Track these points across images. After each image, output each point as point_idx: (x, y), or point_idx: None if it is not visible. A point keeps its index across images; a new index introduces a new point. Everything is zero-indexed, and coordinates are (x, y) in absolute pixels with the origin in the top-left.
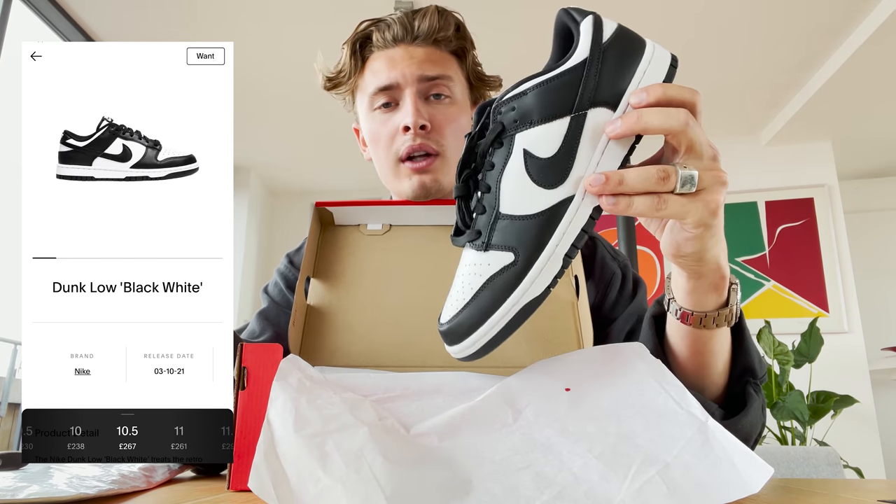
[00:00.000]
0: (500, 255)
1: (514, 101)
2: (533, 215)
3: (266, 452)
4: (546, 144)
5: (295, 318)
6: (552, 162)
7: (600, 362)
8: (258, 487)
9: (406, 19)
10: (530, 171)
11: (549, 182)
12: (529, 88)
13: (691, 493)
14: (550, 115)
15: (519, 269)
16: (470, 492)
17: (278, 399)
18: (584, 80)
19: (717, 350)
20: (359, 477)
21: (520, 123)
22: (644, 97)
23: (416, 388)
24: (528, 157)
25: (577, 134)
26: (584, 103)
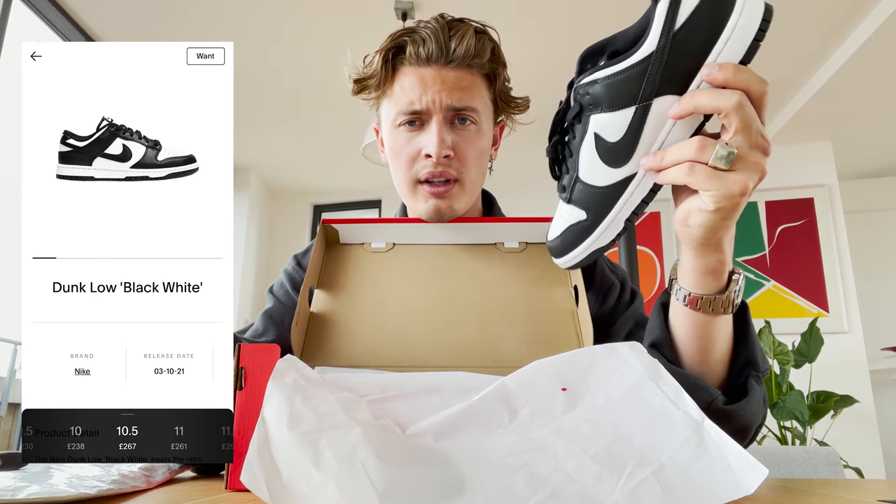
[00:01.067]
0: (578, 211)
1: (589, 87)
2: (601, 187)
3: (259, 449)
4: (613, 130)
5: (298, 318)
6: (618, 146)
7: (597, 362)
8: (251, 482)
9: (443, 38)
10: (599, 151)
11: (614, 162)
12: (601, 79)
13: (685, 494)
14: (618, 105)
15: (588, 224)
16: (463, 491)
17: (273, 397)
18: (648, 74)
19: (716, 336)
20: (351, 474)
21: (593, 107)
22: (713, 73)
23: (413, 389)
24: (598, 139)
25: (642, 122)
26: (648, 94)
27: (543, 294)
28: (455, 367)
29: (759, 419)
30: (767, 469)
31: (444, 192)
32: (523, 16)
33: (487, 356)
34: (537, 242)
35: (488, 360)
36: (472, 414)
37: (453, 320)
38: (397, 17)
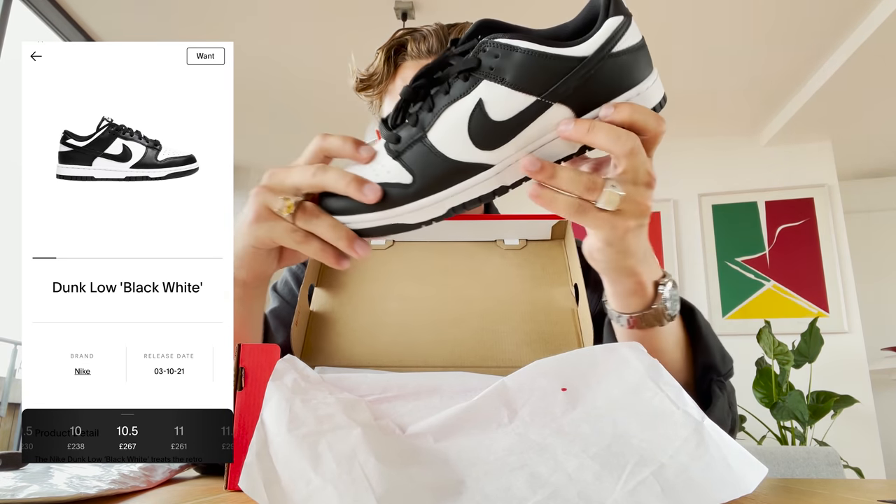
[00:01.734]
0: (402, 172)
1: (504, 49)
2: (449, 159)
3: (258, 452)
4: (502, 109)
5: (298, 318)
6: (497, 127)
7: (597, 362)
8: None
9: (442, 33)
10: (472, 123)
11: (481, 142)
12: (524, 49)
13: (685, 494)
14: (521, 87)
15: (408, 194)
16: (463, 492)
17: (273, 399)
18: (568, 76)
19: (662, 349)
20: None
21: (494, 73)
22: (611, 112)
23: (413, 389)
24: (478, 109)
25: (533, 117)
26: (555, 95)
27: (544, 292)
28: (455, 367)
29: (728, 424)
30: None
31: None
32: (522, 20)
33: (487, 356)
34: (538, 240)
35: (488, 360)
36: (472, 414)
37: (453, 319)
38: (397, 17)
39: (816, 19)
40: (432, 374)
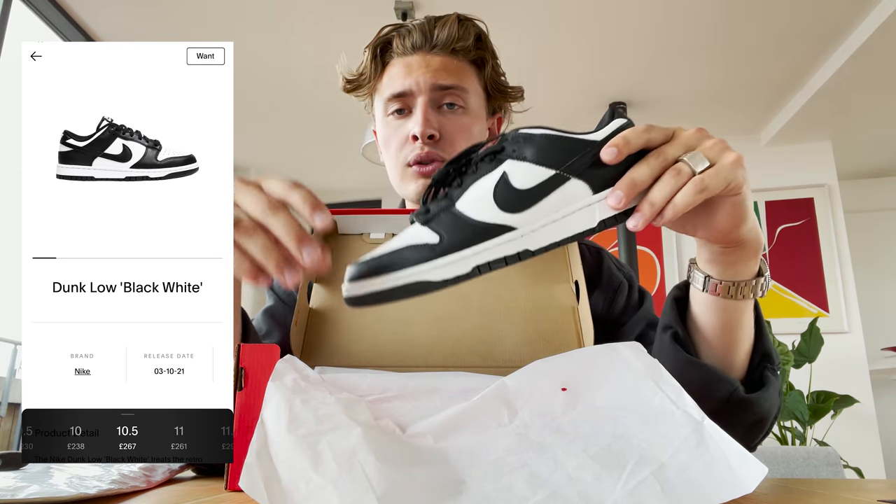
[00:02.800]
0: (430, 234)
1: (525, 136)
2: (474, 221)
3: (259, 452)
4: (525, 179)
5: (297, 318)
6: (520, 193)
7: (597, 362)
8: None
9: (426, 27)
10: (497, 190)
11: (506, 205)
12: (542, 134)
13: (685, 493)
14: (542, 162)
15: (435, 252)
16: (463, 491)
17: (273, 399)
18: (582, 154)
19: (745, 324)
20: (350, 477)
21: (517, 154)
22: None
23: (413, 389)
24: (503, 179)
25: (553, 188)
26: (573, 169)
27: (544, 290)
28: (455, 367)
29: (776, 410)
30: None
31: (431, 170)
32: (523, 19)
33: (488, 355)
34: None
35: (489, 360)
36: (472, 414)
37: (454, 317)
38: (397, 17)
39: (817, 19)
40: (432, 375)
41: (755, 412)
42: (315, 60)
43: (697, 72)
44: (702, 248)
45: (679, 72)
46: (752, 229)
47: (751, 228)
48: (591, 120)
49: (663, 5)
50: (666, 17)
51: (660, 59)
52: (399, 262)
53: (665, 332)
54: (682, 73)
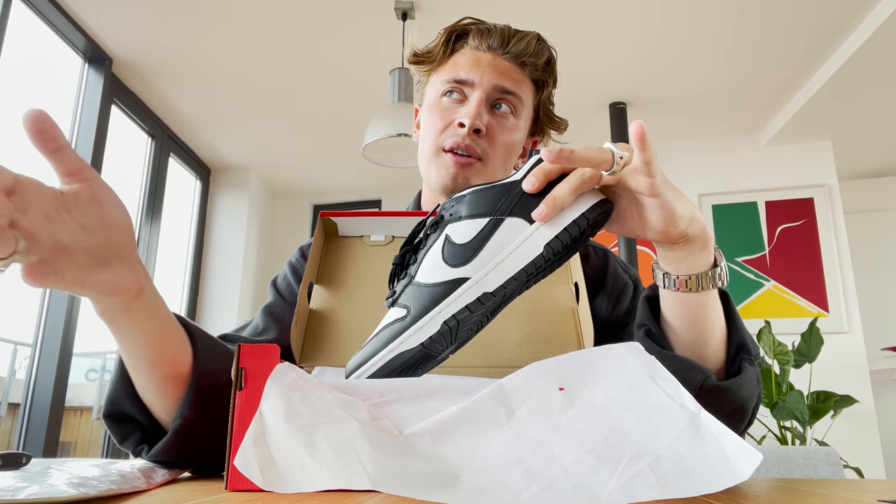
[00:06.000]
0: (398, 310)
1: (457, 200)
2: (432, 284)
3: (255, 440)
4: (464, 233)
5: (298, 318)
6: (464, 247)
7: (594, 361)
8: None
9: (507, 33)
10: (445, 250)
11: (454, 261)
12: (469, 192)
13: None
14: (476, 214)
15: (405, 323)
16: (458, 484)
17: (272, 394)
18: (509, 194)
19: (713, 314)
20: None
21: (454, 217)
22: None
23: (412, 392)
24: (447, 240)
25: (492, 232)
26: (503, 210)
27: (544, 291)
28: (456, 368)
29: (755, 399)
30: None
31: (465, 163)
32: (523, 20)
33: (488, 356)
34: None
35: (489, 361)
36: (470, 414)
37: None
38: (397, 17)
39: (817, 19)
40: (431, 378)
41: (732, 400)
42: (315, 60)
43: (697, 72)
44: (656, 247)
45: (679, 72)
46: (691, 225)
47: (689, 224)
48: (591, 121)
49: (663, 6)
50: (666, 18)
51: (660, 59)
52: (378, 345)
53: (639, 329)
54: (682, 73)
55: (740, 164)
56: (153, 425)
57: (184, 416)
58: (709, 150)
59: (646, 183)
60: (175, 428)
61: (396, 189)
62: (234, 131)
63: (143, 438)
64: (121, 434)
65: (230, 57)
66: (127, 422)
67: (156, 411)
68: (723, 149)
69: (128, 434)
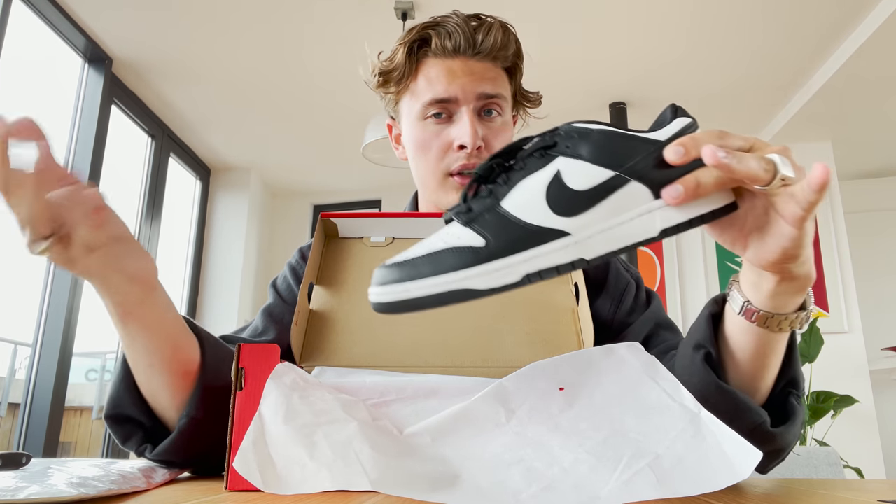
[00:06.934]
0: (474, 236)
1: (581, 130)
2: (525, 223)
3: (255, 441)
4: (581, 179)
5: (298, 318)
6: (573, 195)
7: (595, 362)
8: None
9: (468, 30)
10: (550, 191)
11: (558, 209)
12: (600, 131)
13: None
14: (600, 161)
15: (480, 256)
16: (457, 484)
17: (271, 394)
18: (645, 155)
19: (777, 351)
20: (345, 463)
21: (571, 150)
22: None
23: (412, 392)
24: (556, 179)
25: (610, 191)
26: (633, 171)
27: (543, 292)
28: (456, 368)
29: (796, 441)
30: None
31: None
32: (523, 19)
33: (488, 356)
34: None
35: (489, 361)
36: (470, 414)
37: (455, 318)
38: (397, 17)
39: (816, 19)
40: (430, 377)
41: (776, 444)
42: (315, 60)
43: (698, 72)
44: (748, 270)
45: (679, 72)
46: (803, 264)
47: (803, 263)
48: None
49: (663, 6)
50: (666, 18)
51: (660, 59)
52: (438, 267)
53: (697, 350)
54: (682, 73)
55: None
56: (155, 425)
57: (190, 416)
58: None
59: (796, 214)
60: (181, 427)
61: (396, 189)
62: (234, 131)
63: (145, 438)
64: (123, 435)
65: (230, 57)
66: (129, 423)
67: (161, 411)
68: None
69: (130, 434)
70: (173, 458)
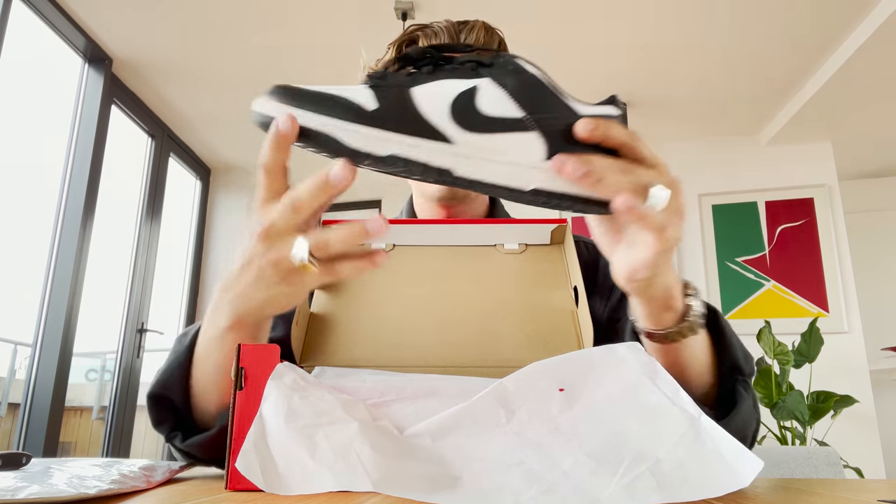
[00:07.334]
0: (371, 100)
1: (519, 66)
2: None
3: (256, 441)
4: (490, 105)
5: (298, 318)
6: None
7: (594, 363)
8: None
9: (453, 30)
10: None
11: (454, 116)
12: (534, 74)
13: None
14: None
15: (364, 116)
16: (458, 486)
17: (272, 395)
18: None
19: (691, 356)
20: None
21: (499, 77)
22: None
23: (412, 392)
24: (470, 92)
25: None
26: (541, 123)
27: (543, 295)
28: (455, 368)
29: (753, 425)
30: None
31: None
32: (523, 19)
33: (488, 357)
34: (537, 244)
35: (488, 361)
36: (470, 415)
37: (454, 320)
38: (397, 17)
39: (816, 19)
40: (430, 377)
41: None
42: (315, 60)
43: (698, 71)
44: (632, 300)
45: (679, 72)
46: (656, 286)
47: (656, 286)
48: None
49: (664, 6)
50: (666, 18)
51: (660, 59)
52: (322, 108)
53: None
54: (682, 72)
55: (740, 164)
56: (189, 419)
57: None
58: (709, 150)
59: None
60: (221, 426)
61: (396, 189)
62: (234, 131)
63: (177, 426)
64: (159, 417)
65: (230, 57)
66: (167, 408)
67: (202, 406)
68: (723, 149)
69: (165, 419)
70: (199, 453)
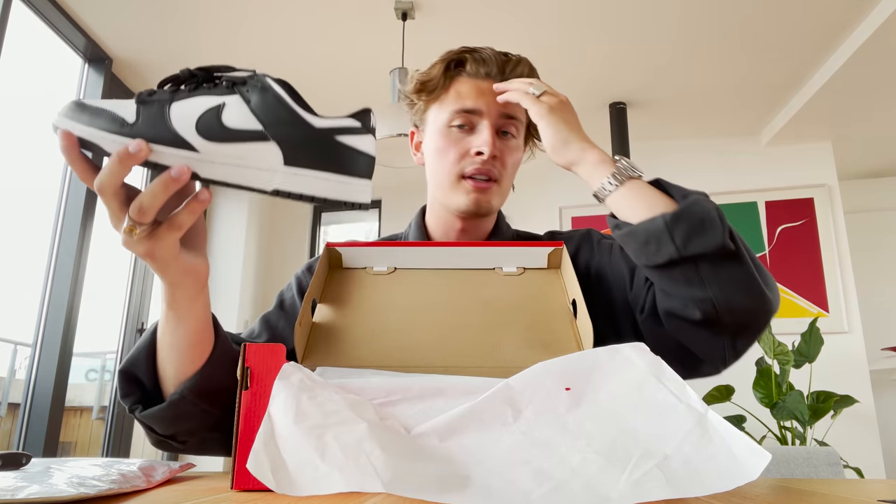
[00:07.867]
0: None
1: (265, 84)
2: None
3: (266, 442)
4: (234, 118)
5: (302, 319)
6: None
7: (600, 362)
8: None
9: (500, 61)
10: (206, 115)
11: (201, 131)
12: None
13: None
14: (257, 114)
15: (123, 128)
16: (468, 485)
17: (280, 395)
18: (295, 129)
19: (644, 205)
20: (356, 465)
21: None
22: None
23: (418, 392)
24: (217, 108)
25: (249, 139)
26: (277, 135)
27: (542, 307)
28: (458, 368)
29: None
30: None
31: (485, 188)
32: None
33: (489, 357)
34: (535, 268)
35: (490, 361)
36: (477, 414)
37: (456, 326)
38: (397, 17)
39: (816, 19)
40: (436, 377)
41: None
42: (315, 60)
43: (698, 72)
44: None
45: (679, 72)
46: (567, 153)
47: (566, 153)
48: (591, 121)
49: (663, 7)
50: (666, 18)
51: (660, 60)
52: (94, 120)
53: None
54: (682, 73)
55: (740, 164)
56: (154, 394)
57: (182, 394)
58: (709, 150)
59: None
60: (171, 400)
61: (396, 189)
62: None
63: (140, 399)
64: (125, 390)
65: (230, 57)
66: (134, 382)
67: (165, 382)
68: (723, 149)
69: (131, 392)
70: (154, 424)
